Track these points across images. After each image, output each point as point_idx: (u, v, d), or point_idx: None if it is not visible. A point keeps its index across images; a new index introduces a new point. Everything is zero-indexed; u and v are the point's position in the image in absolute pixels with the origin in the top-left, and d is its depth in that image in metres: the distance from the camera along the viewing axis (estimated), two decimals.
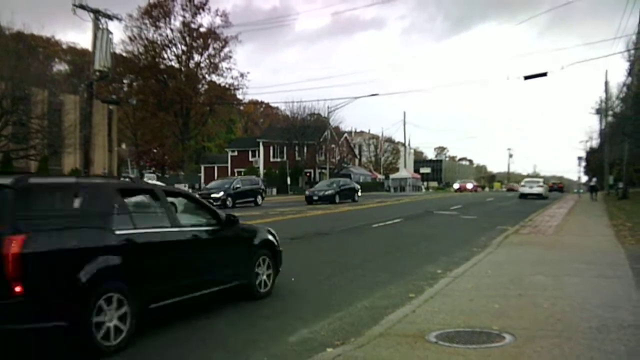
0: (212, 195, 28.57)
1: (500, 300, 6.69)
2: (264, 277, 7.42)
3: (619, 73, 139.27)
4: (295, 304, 7.12)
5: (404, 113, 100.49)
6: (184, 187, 40.09)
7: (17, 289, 4.35)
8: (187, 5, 52.42)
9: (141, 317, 5.32)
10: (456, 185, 74.15)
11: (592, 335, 5.11)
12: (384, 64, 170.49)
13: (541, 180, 50.44)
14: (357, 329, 5.85)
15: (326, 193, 34.56)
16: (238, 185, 31.73)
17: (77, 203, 5.26)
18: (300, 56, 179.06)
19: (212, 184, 34.79)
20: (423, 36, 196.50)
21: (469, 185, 73.74)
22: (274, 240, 7.97)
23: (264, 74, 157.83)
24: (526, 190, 42.84)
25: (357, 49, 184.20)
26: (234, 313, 6.61)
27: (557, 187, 63.56)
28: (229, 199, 29.89)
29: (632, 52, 33.30)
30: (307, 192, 37.24)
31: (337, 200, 33.95)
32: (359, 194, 39.07)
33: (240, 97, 63.00)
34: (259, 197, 33.02)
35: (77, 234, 4.98)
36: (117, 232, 5.28)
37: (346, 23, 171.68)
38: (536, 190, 42.35)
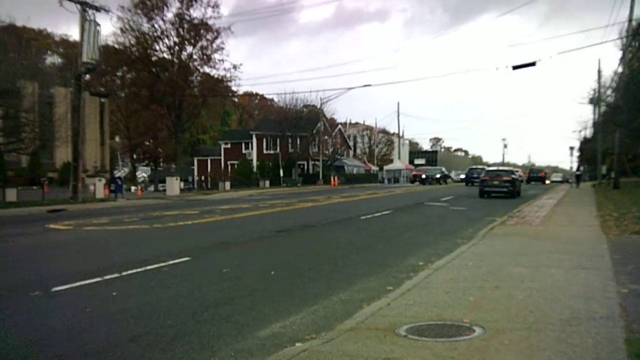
0: None
1: (476, 293, 6.65)
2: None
3: (613, 62, 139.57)
4: (272, 297, 7.07)
5: (398, 104, 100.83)
6: (175, 180, 39.93)
7: None
8: None
9: None
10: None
11: (562, 327, 5.08)
12: (383, 56, 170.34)
13: (561, 174, 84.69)
14: (330, 322, 5.81)
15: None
16: None
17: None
18: (301, 48, 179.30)
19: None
20: (424, 29, 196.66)
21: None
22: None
23: (265, 67, 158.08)
24: (554, 178, 75.21)
25: (360, 41, 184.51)
26: (201, 309, 6.54)
27: (566, 179, 76.85)
28: None
29: (624, 40, 33.24)
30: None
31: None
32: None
33: (234, 88, 62.61)
34: None
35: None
36: None
37: (349, 15, 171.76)
38: (559, 179, 75.60)
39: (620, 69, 35.06)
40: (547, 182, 66.26)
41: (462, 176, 68.81)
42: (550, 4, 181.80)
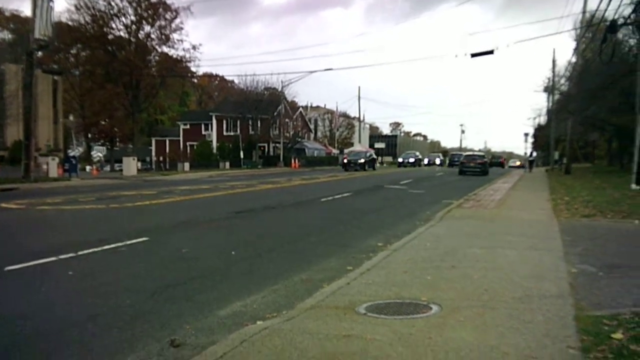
0: None
1: (433, 272, 6.81)
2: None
3: (567, 52, 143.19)
4: (232, 277, 7.06)
5: (359, 88, 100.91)
6: (132, 160, 39.16)
7: None
8: None
9: None
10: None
11: (515, 305, 5.26)
12: (345, 41, 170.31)
13: (518, 159, 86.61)
14: (291, 301, 5.85)
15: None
16: None
17: None
18: (263, 31, 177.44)
19: None
20: (386, 16, 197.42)
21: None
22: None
23: (226, 48, 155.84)
24: (511, 164, 79.26)
25: (323, 25, 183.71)
26: (160, 289, 6.49)
27: (521, 164, 79.14)
28: None
29: (578, 31, 34.14)
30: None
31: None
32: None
33: (193, 69, 61.54)
34: None
35: None
36: None
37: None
38: (517, 164, 77.53)
39: (574, 59, 36.06)
40: (507, 166, 72.82)
41: (400, 160, 69.28)
42: None
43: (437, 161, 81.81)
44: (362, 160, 48.29)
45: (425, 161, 77.72)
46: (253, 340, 4.38)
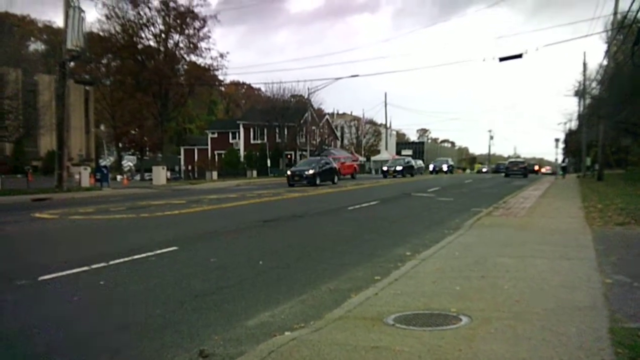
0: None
1: (462, 282, 6.72)
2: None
3: (598, 55, 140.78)
4: (260, 287, 7.09)
5: (385, 94, 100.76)
6: (162, 169, 39.69)
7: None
8: None
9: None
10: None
11: (547, 316, 5.16)
12: (372, 47, 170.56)
13: (550, 167, 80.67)
14: (319, 312, 5.84)
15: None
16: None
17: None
18: (291, 38, 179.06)
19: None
20: (414, 20, 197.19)
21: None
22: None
23: (254, 56, 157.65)
24: (544, 171, 76.92)
25: (350, 32, 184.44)
26: (189, 298, 6.55)
27: (554, 171, 75.63)
28: None
29: (609, 33, 33.50)
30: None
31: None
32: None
33: (221, 77, 62.40)
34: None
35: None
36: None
37: (340, 5, 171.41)
38: (549, 171, 74.62)
39: (605, 62, 35.36)
40: (540, 172, 72.74)
41: (385, 168, 54.41)
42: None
43: (445, 167, 65.68)
44: (311, 172, 34.28)
45: (430, 167, 67.40)
46: (281, 351, 4.38)
